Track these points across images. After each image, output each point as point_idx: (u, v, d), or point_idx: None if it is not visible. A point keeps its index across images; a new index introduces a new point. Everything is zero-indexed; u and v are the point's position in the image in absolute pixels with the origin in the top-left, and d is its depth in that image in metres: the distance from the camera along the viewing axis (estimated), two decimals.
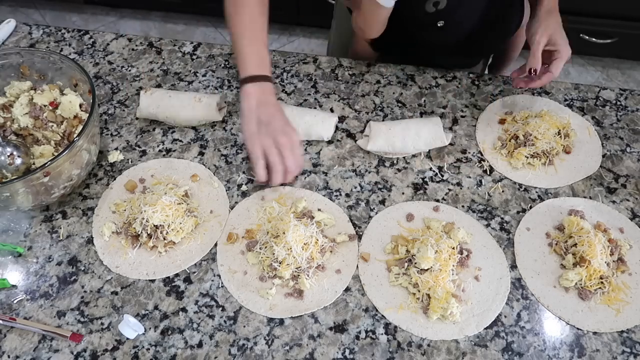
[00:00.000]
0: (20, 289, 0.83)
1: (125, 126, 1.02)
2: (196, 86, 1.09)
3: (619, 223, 0.89)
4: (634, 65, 2.25)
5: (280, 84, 1.09)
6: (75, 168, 0.85)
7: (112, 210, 0.90)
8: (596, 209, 0.90)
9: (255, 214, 0.90)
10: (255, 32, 0.93)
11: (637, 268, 0.84)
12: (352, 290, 0.82)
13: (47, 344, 0.78)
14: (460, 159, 0.97)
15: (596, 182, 0.94)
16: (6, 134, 0.93)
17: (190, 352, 0.77)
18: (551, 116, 0.99)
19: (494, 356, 0.77)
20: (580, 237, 0.82)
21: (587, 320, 0.79)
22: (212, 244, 0.87)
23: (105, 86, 1.09)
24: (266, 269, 0.83)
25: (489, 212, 0.90)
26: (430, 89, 1.08)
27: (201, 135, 1.01)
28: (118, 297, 0.82)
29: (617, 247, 0.83)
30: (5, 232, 0.88)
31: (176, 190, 0.90)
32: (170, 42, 1.17)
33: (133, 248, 0.86)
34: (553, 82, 1.08)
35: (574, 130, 1.00)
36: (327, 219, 0.88)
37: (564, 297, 0.81)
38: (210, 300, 0.82)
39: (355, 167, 0.96)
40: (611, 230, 0.86)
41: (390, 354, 0.77)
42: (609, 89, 1.08)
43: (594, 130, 1.01)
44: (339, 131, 1.01)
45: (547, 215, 0.89)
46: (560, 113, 1.03)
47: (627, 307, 0.80)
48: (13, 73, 0.97)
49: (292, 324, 0.79)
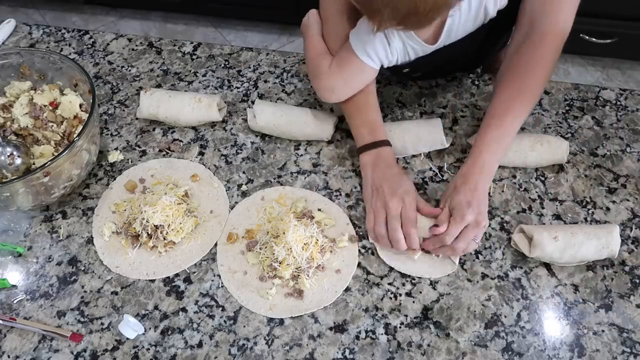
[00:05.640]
0: (20, 289, 0.83)
1: (125, 126, 1.02)
2: (196, 86, 1.09)
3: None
4: (634, 65, 2.25)
5: (280, 84, 1.09)
6: (75, 168, 0.85)
7: (112, 210, 0.90)
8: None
9: (255, 214, 0.90)
10: (364, 97, 0.91)
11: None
12: (352, 290, 0.82)
13: (47, 344, 0.78)
14: (460, 159, 0.97)
15: (596, 182, 0.94)
16: (6, 134, 0.93)
17: (190, 352, 0.77)
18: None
19: (494, 356, 0.77)
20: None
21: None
22: (212, 244, 0.87)
23: (105, 86, 1.09)
24: (266, 269, 0.83)
25: (489, 212, 0.90)
26: (430, 89, 1.08)
27: (201, 135, 1.01)
28: (118, 297, 0.82)
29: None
30: (5, 232, 0.88)
31: (176, 190, 0.90)
32: (170, 42, 1.17)
33: (133, 248, 0.86)
34: (553, 83, 1.08)
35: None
36: (327, 219, 0.88)
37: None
38: (210, 300, 0.82)
39: (355, 167, 0.96)
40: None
41: (390, 354, 0.77)
42: (609, 89, 1.08)
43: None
44: (339, 131, 1.01)
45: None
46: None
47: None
48: (13, 73, 0.97)
49: (292, 324, 0.79)
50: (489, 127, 0.84)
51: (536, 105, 1.04)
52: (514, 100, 0.84)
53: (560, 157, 0.93)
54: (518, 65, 0.84)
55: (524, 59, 0.84)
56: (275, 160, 0.98)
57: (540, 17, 0.83)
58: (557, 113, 1.04)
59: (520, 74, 0.84)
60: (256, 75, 1.10)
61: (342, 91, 0.90)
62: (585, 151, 0.98)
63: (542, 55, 0.83)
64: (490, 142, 0.84)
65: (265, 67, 1.12)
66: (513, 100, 0.84)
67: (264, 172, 0.96)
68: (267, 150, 0.99)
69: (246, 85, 1.09)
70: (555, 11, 0.83)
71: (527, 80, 0.84)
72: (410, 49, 0.85)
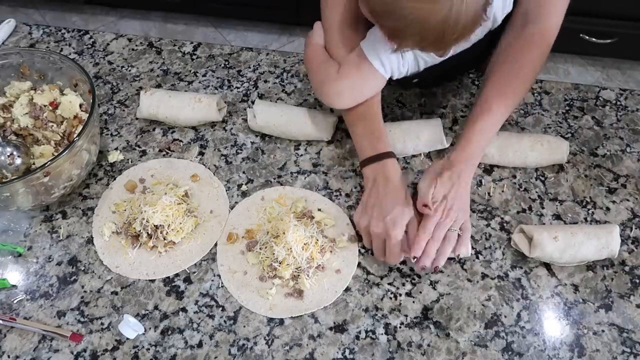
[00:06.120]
0: (20, 289, 0.83)
1: (125, 126, 1.02)
2: (196, 86, 1.09)
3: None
4: (634, 65, 2.25)
5: (280, 84, 1.09)
6: (75, 168, 0.85)
7: (112, 210, 0.90)
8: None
9: (255, 214, 0.90)
10: (369, 106, 0.90)
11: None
12: (352, 290, 0.82)
13: (47, 344, 0.78)
14: None
15: (596, 182, 0.94)
16: (6, 134, 0.93)
17: (190, 352, 0.77)
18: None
19: (494, 356, 0.77)
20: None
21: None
22: (212, 244, 0.87)
23: (105, 86, 1.09)
24: (266, 269, 0.83)
25: (489, 212, 0.90)
26: (430, 89, 1.08)
27: (201, 135, 1.01)
28: (118, 297, 0.82)
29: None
30: (5, 232, 0.88)
31: (176, 190, 0.90)
32: (170, 42, 1.17)
33: (133, 248, 0.86)
34: (553, 82, 1.08)
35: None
36: (327, 219, 0.88)
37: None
38: (210, 300, 0.82)
39: (355, 167, 0.96)
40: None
41: (390, 354, 0.77)
42: (609, 89, 1.08)
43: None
44: (339, 131, 1.01)
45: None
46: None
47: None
48: (13, 73, 0.97)
49: (292, 324, 0.79)
50: (479, 116, 0.85)
51: (536, 104, 1.04)
52: (504, 95, 0.86)
53: (560, 157, 0.93)
54: (509, 62, 0.87)
55: (515, 57, 0.86)
56: (275, 160, 0.98)
57: (534, 18, 0.86)
58: (557, 113, 1.04)
59: (512, 70, 0.86)
60: (256, 75, 1.10)
61: (349, 96, 0.88)
62: (585, 151, 0.98)
63: (533, 55, 0.86)
64: (481, 131, 0.85)
65: (265, 67, 1.12)
66: (503, 95, 0.86)
67: (264, 172, 0.96)
68: (267, 150, 0.99)
69: (246, 85, 1.09)
70: (548, 13, 0.86)
71: (518, 76, 0.86)
72: (421, 60, 0.86)
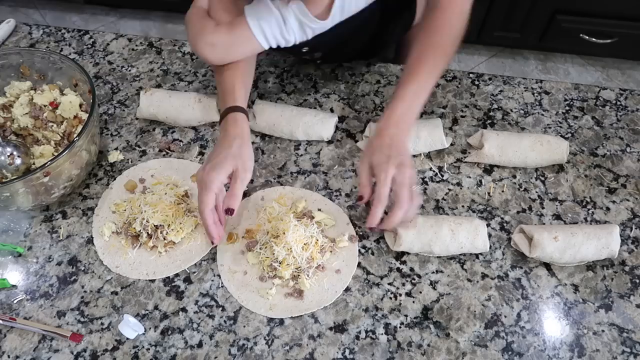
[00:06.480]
0: (20, 289, 0.83)
1: (125, 126, 1.02)
2: (196, 86, 1.09)
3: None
4: (634, 65, 2.25)
5: (280, 84, 1.09)
6: (75, 168, 0.85)
7: (112, 210, 0.90)
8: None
9: (255, 214, 0.90)
10: (233, 65, 0.90)
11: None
12: (352, 290, 0.82)
13: (47, 344, 0.78)
14: (460, 159, 0.97)
15: (596, 182, 0.94)
16: (6, 134, 0.93)
17: (190, 352, 0.77)
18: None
19: (494, 356, 0.77)
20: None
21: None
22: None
23: (105, 86, 1.09)
24: (266, 269, 0.83)
25: (489, 212, 0.90)
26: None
27: (201, 135, 1.01)
28: (118, 297, 0.82)
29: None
30: (5, 232, 0.88)
31: (176, 190, 0.90)
32: (170, 42, 1.17)
33: (133, 248, 0.86)
34: (553, 82, 1.08)
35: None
36: (327, 219, 0.88)
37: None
38: (210, 300, 0.82)
39: (355, 167, 0.96)
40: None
41: (390, 354, 0.77)
42: (609, 89, 1.08)
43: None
44: (339, 131, 1.01)
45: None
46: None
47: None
48: (13, 73, 0.97)
49: (292, 324, 0.79)
50: (403, 84, 0.86)
51: (536, 105, 1.04)
52: (427, 56, 0.86)
53: (560, 157, 0.93)
54: (428, 27, 0.88)
55: (433, 22, 0.88)
56: (275, 160, 0.98)
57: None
58: (557, 113, 1.04)
59: (430, 33, 0.87)
60: (256, 75, 1.10)
61: (222, 51, 0.88)
62: (585, 151, 0.98)
63: (450, 17, 0.87)
64: (405, 97, 0.85)
65: (265, 67, 1.12)
66: (426, 57, 0.86)
67: (264, 172, 0.96)
68: (267, 150, 0.99)
69: None
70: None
71: (437, 38, 0.87)
72: (308, 28, 0.86)
